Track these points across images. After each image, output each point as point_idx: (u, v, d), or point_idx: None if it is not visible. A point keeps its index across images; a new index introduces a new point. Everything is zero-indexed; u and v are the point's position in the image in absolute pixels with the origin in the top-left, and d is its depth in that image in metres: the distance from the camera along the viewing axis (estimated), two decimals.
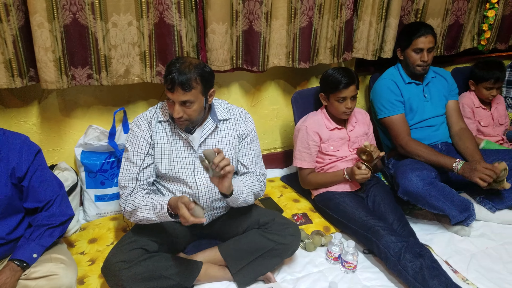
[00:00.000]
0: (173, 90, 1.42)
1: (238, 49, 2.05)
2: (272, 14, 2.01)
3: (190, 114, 1.48)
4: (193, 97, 1.45)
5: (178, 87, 1.41)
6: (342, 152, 2.02)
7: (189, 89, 1.43)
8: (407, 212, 2.09)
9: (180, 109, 1.45)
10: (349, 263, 1.71)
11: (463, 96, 2.43)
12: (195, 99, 1.46)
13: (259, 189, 1.66)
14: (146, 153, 1.55)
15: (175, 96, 1.43)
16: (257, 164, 1.70)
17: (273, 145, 2.59)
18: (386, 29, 2.28)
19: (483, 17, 2.62)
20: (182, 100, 1.44)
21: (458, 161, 1.91)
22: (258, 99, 2.41)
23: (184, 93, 1.43)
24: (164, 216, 1.45)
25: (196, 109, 1.49)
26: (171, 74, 1.42)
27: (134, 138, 1.56)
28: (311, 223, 2.03)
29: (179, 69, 1.42)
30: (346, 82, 1.87)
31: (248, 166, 1.67)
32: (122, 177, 1.55)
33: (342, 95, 1.89)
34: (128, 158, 1.55)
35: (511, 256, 1.82)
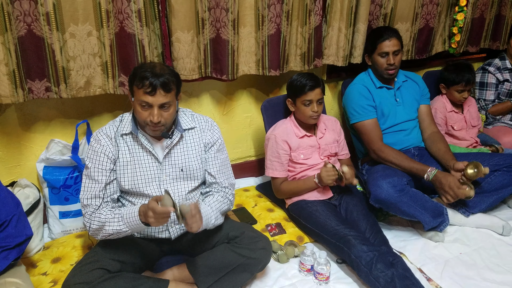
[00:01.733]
0: (154, 93, 1.37)
1: (206, 58, 2.01)
2: (240, 21, 1.98)
3: (167, 118, 1.44)
4: (171, 98, 1.42)
5: (160, 88, 1.37)
6: (313, 160, 1.99)
7: (169, 90, 1.40)
8: (381, 219, 2.07)
9: (159, 113, 1.41)
10: (322, 275, 1.67)
11: (435, 100, 2.43)
12: (172, 101, 1.43)
13: (227, 206, 1.62)
14: (108, 168, 1.48)
15: (155, 99, 1.38)
16: (225, 174, 1.65)
17: (247, 154, 2.55)
18: (355, 34, 2.27)
19: (453, 20, 2.64)
20: (162, 102, 1.40)
21: (430, 170, 1.91)
22: (230, 107, 2.37)
23: (165, 95, 1.39)
24: (136, 225, 1.38)
25: (172, 112, 1.45)
26: (147, 78, 1.37)
27: (94, 154, 1.49)
28: (284, 233, 1.98)
29: (155, 72, 1.38)
30: (311, 84, 1.86)
31: (215, 176, 1.62)
32: (83, 196, 1.47)
33: (308, 98, 1.87)
34: (89, 175, 1.48)
35: (485, 262, 1.80)
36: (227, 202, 1.62)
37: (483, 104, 2.73)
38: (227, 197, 1.62)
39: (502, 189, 2.02)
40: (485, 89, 2.72)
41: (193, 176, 1.58)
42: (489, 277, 1.71)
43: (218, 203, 1.56)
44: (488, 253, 1.86)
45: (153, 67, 1.41)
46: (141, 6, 1.70)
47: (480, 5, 2.66)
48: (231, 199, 1.64)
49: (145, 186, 1.52)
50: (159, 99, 1.39)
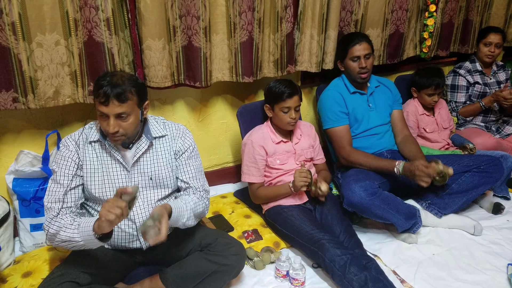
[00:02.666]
0: (107, 103, 1.35)
1: (179, 65, 2.00)
2: (211, 29, 1.98)
3: (126, 128, 1.41)
4: (129, 108, 1.39)
5: (113, 98, 1.35)
6: (289, 165, 2.00)
7: (125, 100, 1.37)
8: (356, 222, 2.09)
9: (116, 123, 1.38)
10: (297, 280, 1.67)
11: (407, 103, 2.48)
12: (131, 111, 1.40)
13: (202, 208, 1.59)
14: (74, 174, 1.46)
15: (110, 109, 1.36)
16: (199, 180, 1.63)
17: (225, 160, 2.55)
18: (326, 40, 2.30)
19: (423, 26, 2.70)
20: (117, 112, 1.37)
21: (398, 163, 1.94)
22: (206, 114, 2.36)
23: (120, 105, 1.36)
24: (88, 235, 1.31)
25: (132, 122, 1.42)
26: (103, 87, 1.35)
27: (61, 159, 1.47)
28: (261, 239, 1.98)
29: (112, 81, 1.36)
30: (289, 92, 1.89)
31: (189, 182, 1.61)
32: (47, 199, 1.44)
33: (286, 105, 1.89)
34: (54, 179, 1.46)
35: (457, 262, 1.84)
36: (203, 205, 1.60)
37: (454, 106, 2.80)
38: (203, 200, 1.61)
39: (473, 189, 2.06)
40: (456, 92, 2.79)
41: (163, 185, 1.57)
42: (461, 277, 1.74)
43: (193, 203, 1.54)
44: (460, 253, 1.89)
45: (112, 76, 1.39)
46: (109, 14, 1.68)
47: (449, 10, 2.74)
48: (206, 204, 1.63)
49: (113, 195, 1.49)
50: (113, 109, 1.37)
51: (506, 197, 2.33)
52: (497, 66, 2.86)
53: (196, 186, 1.61)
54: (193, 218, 1.54)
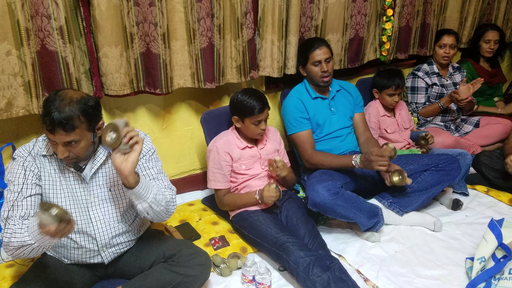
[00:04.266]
0: (53, 132, 1.29)
1: (137, 72, 1.98)
2: (170, 35, 1.97)
3: (77, 153, 1.37)
4: (78, 136, 1.32)
5: (59, 128, 1.28)
6: (254, 170, 2.01)
7: (71, 130, 1.29)
8: (322, 223, 2.12)
9: (65, 149, 1.33)
10: (262, 284, 1.67)
11: (369, 105, 2.54)
12: (80, 138, 1.34)
13: (170, 196, 1.50)
14: (30, 182, 1.40)
15: (56, 137, 1.30)
16: (162, 180, 1.56)
17: (192, 167, 2.53)
18: (288, 46, 2.33)
19: (382, 30, 2.79)
20: (65, 141, 1.31)
21: (355, 157, 1.98)
22: (170, 121, 2.34)
23: (67, 134, 1.30)
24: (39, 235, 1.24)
25: (83, 146, 1.37)
26: (50, 113, 1.27)
27: (17, 167, 1.40)
28: (228, 245, 1.98)
29: (58, 108, 1.28)
30: (260, 106, 1.91)
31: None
32: (3, 208, 1.38)
33: (258, 119, 1.92)
34: (10, 189, 1.39)
35: (418, 258, 1.89)
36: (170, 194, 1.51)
37: (414, 107, 2.89)
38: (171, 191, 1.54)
39: (432, 187, 2.13)
40: (416, 93, 2.88)
41: (123, 196, 1.53)
42: (422, 273, 1.79)
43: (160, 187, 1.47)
44: (421, 250, 1.94)
45: (61, 100, 1.31)
46: (62, 23, 1.65)
47: (406, 14, 2.83)
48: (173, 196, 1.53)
49: (71, 209, 1.45)
50: (60, 138, 1.31)
51: (465, 193, 2.41)
52: (453, 68, 2.98)
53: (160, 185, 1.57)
54: (164, 200, 1.44)
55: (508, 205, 2.32)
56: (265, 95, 2.55)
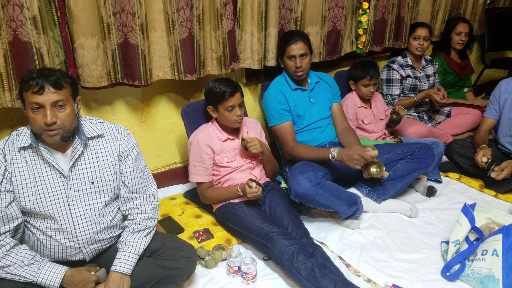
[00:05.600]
0: (42, 91, 1.29)
1: (115, 64, 1.93)
2: (149, 26, 1.94)
3: (64, 119, 1.34)
4: (65, 96, 1.34)
5: (49, 85, 1.30)
6: (237, 163, 2.01)
7: (60, 87, 1.32)
8: (304, 212, 2.16)
9: (52, 113, 1.31)
10: (248, 274, 1.69)
11: (346, 97, 2.59)
12: (67, 100, 1.35)
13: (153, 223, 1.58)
14: (4, 190, 1.35)
15: (45, 97, 1.29)
16: (145, 184, 1.59)
17: (172, 161, 2.50)
18: (267, 38, 2.33)
19: (358, 23, 2.83)
20: (54, 100, 1.31)
21: (333, 150, 2.02)
22: (149, 114, 2.31)
23: (56, 92, 1.31)
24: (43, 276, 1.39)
25: (69, 113, 1.35)
26: (34, 78, 1.29)
27: None
28: (212, 237, 1.98)
29: (43, 72, 1.32)
30: (231, 90, 1.89)
31: (136, 189, 1.55)
32: None
33: (230, 104, 1.89)
34: None
35: (396, 244, 1.96)
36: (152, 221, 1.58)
37: (390, 99, 2.96)
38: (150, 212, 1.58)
39: (408, 175, 2.20)
40: (391, 85, 2.95)
41: (106, 189, 1.49)
42: (400, 257, 1.85)
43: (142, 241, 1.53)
44: (398, 235, 2.01)
45: (41, 69, 1.35)
46: (36, 12, 1.58)
47: (381, 7, 2.89)
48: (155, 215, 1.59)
49: (50, 206, 1.40)
50: (49, 97, 1.30)
51: (438, 180, 2.51)
52: (425, 61, 3.07)
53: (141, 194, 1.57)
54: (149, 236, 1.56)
55: (478, 191, 2.43)
56: (246, 87, 2.59)
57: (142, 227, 1.54)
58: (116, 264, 1.46)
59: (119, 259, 1.46)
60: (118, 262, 1.46)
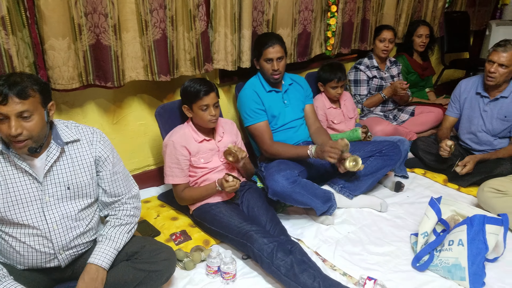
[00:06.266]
0: (6, 101, 1.22)
1: (86, 65, 1.89)
2: (121, 26, 1.91)
3: (31, 130, 1.28)
4: (32, 106, 1.27)
5: (13, 95, 1.22)
6: (213, 163, 2.02)
7: (26, 97, 1.25)
8: (280, 211, 2.20)
9: (18, 124, 1.25)
10: (228, 274, 1.71)
11: (316, 99, 2.65)
12: (34, 110, 1.28)
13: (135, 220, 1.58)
14: None
15: (9, 107, 1.23)
16: (127, 186, 1.57)
17: (146, 163, 2.47)
18: (241, 40, 2.36)
19: (327, 25, 2.92)
20: (19, 111, 1.24)
21: (310, 147, 2.08)
22: (121, 116, 2.27)
23: (21, 102, 1.24)
24: None
25: (37, 122, 1.29)
26: (1, 85, 1.23)
27: None
28: (190, 239, 1.98)
29: (9, 80, 1.24)
30: (205, 89, 1.89)
31: (117, 193, 1.54)
32: None
33: (204, 103, 1.89)
34: None
35: (368, 237, 2.04)
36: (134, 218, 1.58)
37: (358, 99, 3.07)
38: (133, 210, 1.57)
39: (377, 171, 2.30)
40: (359, 86, 3.06)
41: (82, 194, 1.46)
42: (373, 251, 1.93)
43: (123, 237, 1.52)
44: (370, 229, 2.10)
45: (9, 75, 1.28)
46: (4, 13, 1.53)
47: (348, 10, 2.99)
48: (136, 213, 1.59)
49: (23, 212, 1.36)
50: (14, 107, 1.24)
51: (405, 176, 2.63)
52: (390, 62, 3.20)
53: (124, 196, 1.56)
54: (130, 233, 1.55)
55: (442, 185, 2.57)
56: (220, 88, 2.60)
57: (124, 221, 1.53)
58: (94, 256, 1.44)
59: (98, 252, 1.45)
60: (96, 254, 1.44)
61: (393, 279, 1.74)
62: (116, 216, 1.54)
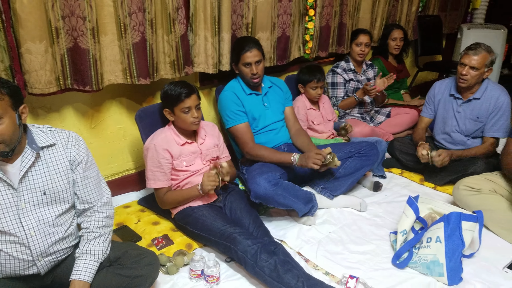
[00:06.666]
0: None
1: (64, 69, 1.86)
2: (100, 30, 1.89)
3: (2, 134, 1.25)
4: (1, 109, 1.24)
5: None
6: (196, 166, 2.01)
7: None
8: (262, 213, 2.22)
9: None
10: (212, 277, 1.71)
11: (297, 100, 2.70)
12: (3, 113, 1.25)
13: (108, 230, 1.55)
14: None
15: None
16: (99, 192, 1.54)
17: (125, 167, 2.44)
18: (221, 43, 2.37)
19: (305, 29, 2.96)
20: None
21: (294, 155, 2.11)
22: (99, 120, 2.23)
23: None
24: None
25: (8, 126, 1.26)
26: None
27: None
28: (172, 243, 1.96)
29: None
30: (186, 92, 1.88)
31: (89, 199, 1.50)
32: None
33: (186, 105, 1.88)
34: None
35: (349, 236, 2.08)
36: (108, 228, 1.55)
37: (335, 101, 3.13)
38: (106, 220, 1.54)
39: (356, 172, 2.35)
40: (336, 88, 3.12)
41: (59, 199, 1.43)
42: (354, 249, 1.97)
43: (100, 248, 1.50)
44: (351, 229, 2.14)
45: None
46: None
47: (326, 14, 3.04)
48: (109, 223, 1.57)
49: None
50: None
51: (383, 176, 2.70)
52: (366, 65, 3.28)
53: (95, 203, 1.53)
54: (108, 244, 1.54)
55: (419, 184, 2.65)
56: (200, 91, 2.59)
57: (97, 234, 1.50)
58: (75, 272, 1.41)
59: (78, 268, 1.42)
60: (77, 270, 1.42)
61: (374, 277, 1.78)
62: (88, 230, 1.50)
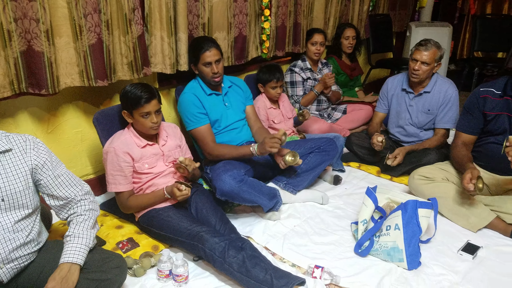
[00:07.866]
0: None
1: (18, 72, 1.78)
2: (54, 32, 1.83)
3: None
4: None
5: None
6: (158, 168, 2.00)
7: None
8: (228, 210, 2.25)
9: None
10: (180, 276, 1.71)
11: (257, 100, 2.74)
12: None
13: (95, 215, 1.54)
14: None
15: None
16: (76, 185, 1.52)
17: (84, 172, 2.37)
18: (178, 43, 2.36)
19: (262, 29, 3.02)
20: None
21: (252, 145, 2.16)
22: (56, 124, 2.16)
23: None
24: None
25: None
26: None
27: None
28: (138, 246, 1.94)
29: None
30: (147, 96, 1.85)
31: (70, 194, 1.48)
32: None
33: (145, 110, 1.85)
34: None
35: (313, 229, 2.15)
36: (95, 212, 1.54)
37: (296, 99, 3.22)
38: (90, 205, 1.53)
39: (317, 166, 2.43)
40: (295, 87, 3.21)
41: (18, 205, 1.38)
42: (319, 241, 2.04)
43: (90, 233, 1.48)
44: (314, 221, 2.21)
45: None
46: None
47: (281, 14, 3.11)
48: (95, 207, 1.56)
49: None
50: None
51: (342, 170, 2.81)
52: (321, 64, 3.40)
53: (77, 195, 1.51)
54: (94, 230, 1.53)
55: (376, 176, 2.79)
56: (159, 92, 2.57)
57: (86, 217, 1.50)
58: (65, 255, 1.39)
59: (68, 250, 1.40)
60: (67, 252, 1.40)
61: (339, 266, 1.85)
62: (77, 213, 1.49)
